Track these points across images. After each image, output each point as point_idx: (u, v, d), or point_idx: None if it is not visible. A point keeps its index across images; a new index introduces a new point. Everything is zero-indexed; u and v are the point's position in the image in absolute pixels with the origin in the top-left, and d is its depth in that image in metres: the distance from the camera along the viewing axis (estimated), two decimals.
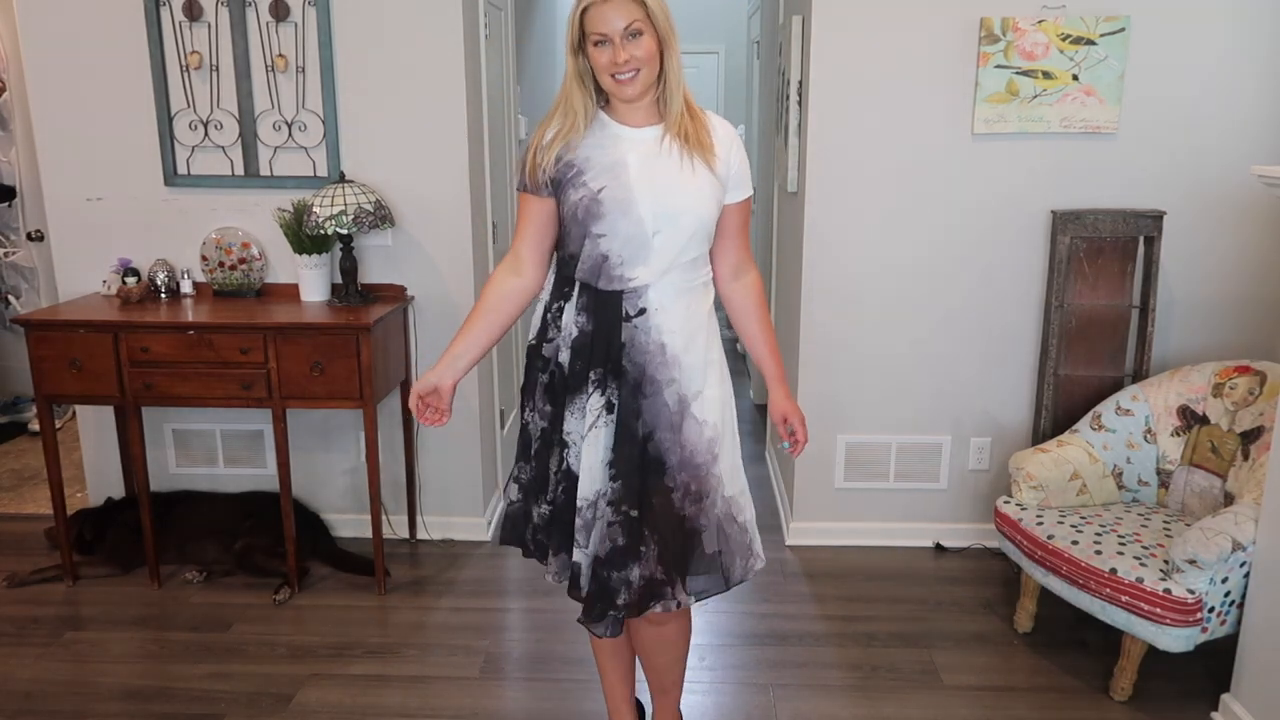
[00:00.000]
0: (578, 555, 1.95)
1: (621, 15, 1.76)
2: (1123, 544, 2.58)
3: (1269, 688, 2.29)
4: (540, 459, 2.02)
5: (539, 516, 2.04)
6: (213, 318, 2.97)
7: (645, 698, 2.38)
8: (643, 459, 1.93)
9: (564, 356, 1.94)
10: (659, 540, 1.93)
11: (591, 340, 1.92)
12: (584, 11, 1.79)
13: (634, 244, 1.87)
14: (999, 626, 2.94)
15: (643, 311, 1.90)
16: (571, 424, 1.95)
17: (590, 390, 1.92)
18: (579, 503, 1.93)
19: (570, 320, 1.93)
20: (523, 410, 2.05)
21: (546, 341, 1.98)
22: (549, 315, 1.98)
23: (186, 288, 3.25)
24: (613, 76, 1.81)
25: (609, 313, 1.91)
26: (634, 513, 1.92)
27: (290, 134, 3.18)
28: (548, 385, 1.99)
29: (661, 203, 1.86)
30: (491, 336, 2.02)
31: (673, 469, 1.94)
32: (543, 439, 2.01)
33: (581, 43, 1.83)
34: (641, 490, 1.92)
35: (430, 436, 3.41)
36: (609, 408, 1.92)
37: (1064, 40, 3.01)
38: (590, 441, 1.92)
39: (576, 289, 1.93)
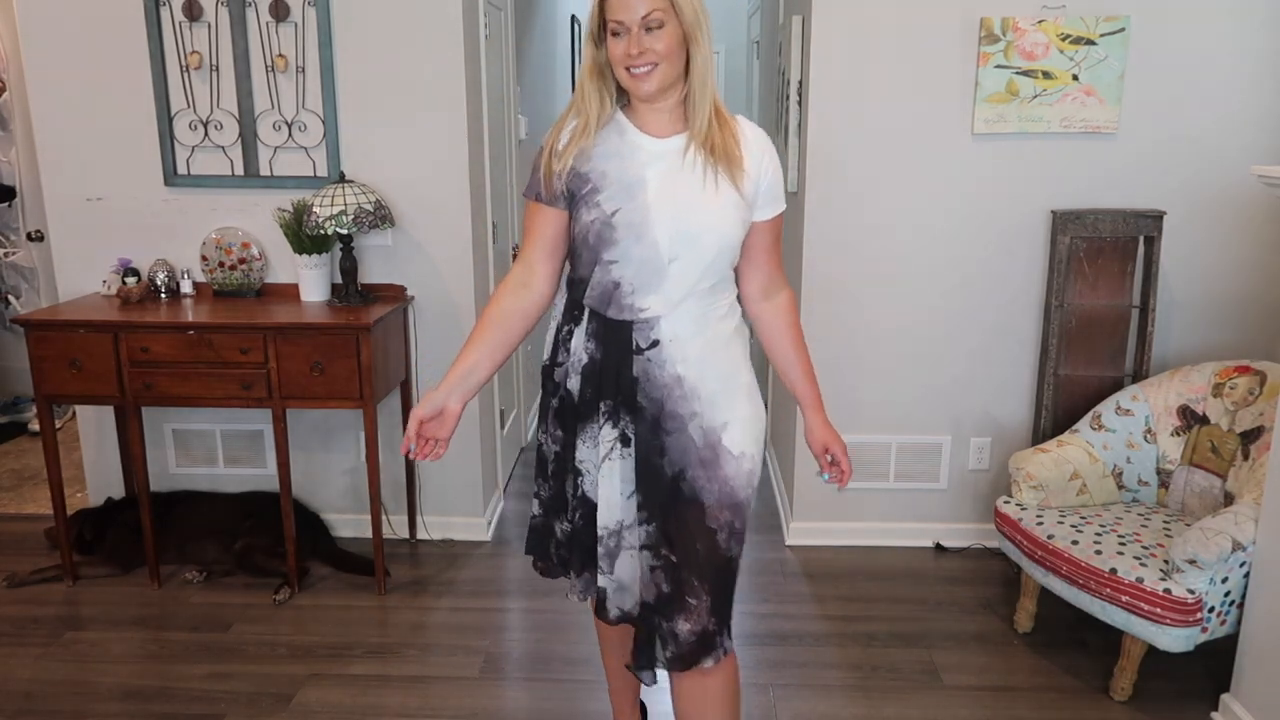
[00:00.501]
0: (603, 581, 1.86)
1: (642, 2, 1.62)
2: (1123, 544, 2.58)
3: (1269, 688, 2.29)
4: (557, 480, 1.92)
5: (561, 534, 1.95)
6: (213, 318, 2.97)
7: (650, 697, 2.36)
8: (675, 500, 1.80)
9: (573, 383, 1.82)
10: (710, 589, 1.80)
11: (600, 369, 1.79)
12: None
13: (647, 270, 1.72)
14: (999, 626, 2.94)
15: (655, 344, 1.76)
16: (584, 452, 1.84)
17: (601, 421, 1.80)
18: (599, 531, 1.82)
19: (580, 346, 1.80)
20: (539, 428, 1.96)
21: (556, 365, 1.86)
22: (559, 336, 1.86)
23: (186, 288, 3.25)
24: (627, 70, 1.66)
25: (619, 343, 1.77)
26: (674, 558, 1.80)
27: (290, 134, 3.18)
28: (558, 410, 1.87)
29: (681, 223, 1.70)
30: (499, 356, 1.84)
31: (711, 508, 1.79)
32: (557, 463, 1.91)
33: (602, 32, 1.69)
34: (679, 533, 1.79)
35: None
36: (624, 440, 1.80)
37: (1064, 40, 3.01)
38: (606, 473, 1.80)
39: (586, 314, 1.79)
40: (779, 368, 2.00)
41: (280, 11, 3.08)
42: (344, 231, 2.99)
